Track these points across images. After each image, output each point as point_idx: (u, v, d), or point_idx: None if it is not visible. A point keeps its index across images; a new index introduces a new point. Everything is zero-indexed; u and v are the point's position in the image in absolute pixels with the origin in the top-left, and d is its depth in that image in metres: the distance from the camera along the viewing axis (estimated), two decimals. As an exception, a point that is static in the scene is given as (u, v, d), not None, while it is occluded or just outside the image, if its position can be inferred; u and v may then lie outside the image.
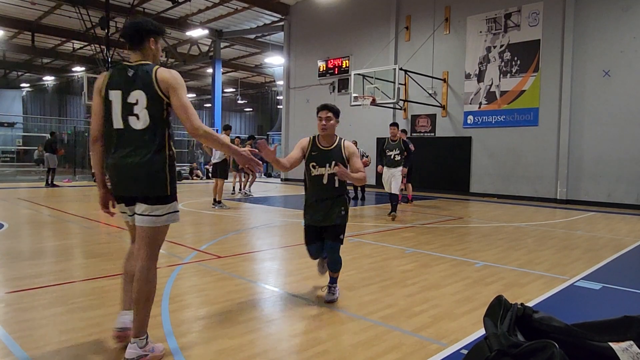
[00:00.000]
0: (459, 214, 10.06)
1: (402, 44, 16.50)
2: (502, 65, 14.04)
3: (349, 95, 15.10)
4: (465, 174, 14.90)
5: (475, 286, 4.28)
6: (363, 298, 3.84)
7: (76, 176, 20.17)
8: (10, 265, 4.72)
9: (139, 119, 2.50)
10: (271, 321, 3.31)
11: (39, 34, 23.22)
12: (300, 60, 20.20)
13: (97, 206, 2.91)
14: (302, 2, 19.82)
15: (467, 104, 14.82)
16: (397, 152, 8.73)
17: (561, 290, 4.23)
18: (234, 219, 8.26)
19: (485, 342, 1.46)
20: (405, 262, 5.22)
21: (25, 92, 38.53)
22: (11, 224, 7.32)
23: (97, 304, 3.53)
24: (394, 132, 8.85)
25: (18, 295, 3.72)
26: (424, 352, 2.80)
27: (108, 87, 2.54)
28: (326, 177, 3.63)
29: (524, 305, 1.56)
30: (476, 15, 14.57)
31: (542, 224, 8.59)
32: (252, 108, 43.28)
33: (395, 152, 8.75)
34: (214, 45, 23.99)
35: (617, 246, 6.49)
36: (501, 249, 6.09)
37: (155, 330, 3.03)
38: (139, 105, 2.49)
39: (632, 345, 1.34)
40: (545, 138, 13.20)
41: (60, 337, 2.89)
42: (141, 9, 20.39)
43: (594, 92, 12.34)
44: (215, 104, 25.10)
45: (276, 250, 5.87)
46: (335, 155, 3.65)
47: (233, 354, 2.71)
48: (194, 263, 4.95)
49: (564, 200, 12.76)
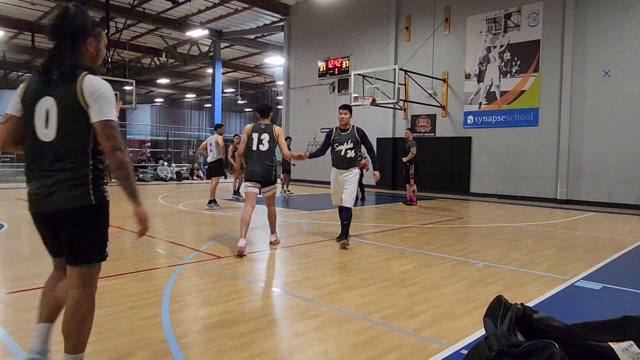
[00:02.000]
0: (459, 214, 10.05)
1: (402, 44, 16.50)
2: (502, 65, 14.04)
3: (349, 96, 15.11)
4: (465, 174, 14.89)
5: (476, 286, 4.28)
6: (363, 298, 3.83)
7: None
8: (10, 266, 4.72)
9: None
10: (271, 321, 3.31)
11: (39, 34, 23.23)
12: (300, 60, 20.20)
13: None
14: (302, 2, 19.82)
15: (467, 104, 14.82)
16: (351, 147, 6.13)
17: (561, 290, 4.23)
18: (234, 219, 8.26)
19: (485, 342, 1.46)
20: (405, 262, 5.22)
21: (25, 93, 38.51)
22: (11, 224, 7.32)
23: (97, 304, 3.51)
24: (344, 118, 6.27)
25: (18, 296, 3.72)
26: (424, 352, 2.80)
27: None
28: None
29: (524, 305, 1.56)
30: (476, 15, 14.57)
31: (542, 224, 8.59)
32: (252, 108, 43.29)
33: (346, 145, 6.13)
34: (214, 45, 24.00)
35: (617, 246, 6.49)
36: (501, 249, 6.09)
37: (155, 330, 3.03)
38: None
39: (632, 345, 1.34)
40: (545, 138, 13.19)
41: (60, 337, 2.88)
42: (141, 9, 20.39)
43: (594, 92, 12.34)
44: (215, 104, 25.11)
45: (276, 251, 5.87)
46: None
47: (233, 354, 2.71)
48: (193, 263, 4.95)
49: (564, 200, 12.75)
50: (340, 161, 6.19)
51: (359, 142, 6.17)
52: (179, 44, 25.99)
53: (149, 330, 3.03)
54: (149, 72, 29.84)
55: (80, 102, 2.10)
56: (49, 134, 2.12)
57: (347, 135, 6.15)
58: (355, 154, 6.16)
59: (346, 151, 6.13)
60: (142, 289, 3.94)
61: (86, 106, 2.11)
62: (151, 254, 5.44)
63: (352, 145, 6.12)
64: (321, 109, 18.92)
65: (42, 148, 2.14)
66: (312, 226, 7.79)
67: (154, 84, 34.33)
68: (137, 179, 19.19)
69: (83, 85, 2.11)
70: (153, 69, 29.04)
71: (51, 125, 2.11)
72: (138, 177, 19.60)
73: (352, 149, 6.13)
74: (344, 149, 6.14)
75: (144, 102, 38.79)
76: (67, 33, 2.17)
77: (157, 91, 38.47)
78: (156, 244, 5.96)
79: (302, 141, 19.53)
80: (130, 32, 23.56)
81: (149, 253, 5.47)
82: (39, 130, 2.15)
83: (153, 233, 6.70)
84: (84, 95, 2.10)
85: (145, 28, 23.44)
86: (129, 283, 4.14)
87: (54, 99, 2.11)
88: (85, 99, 2.11)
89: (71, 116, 2.11)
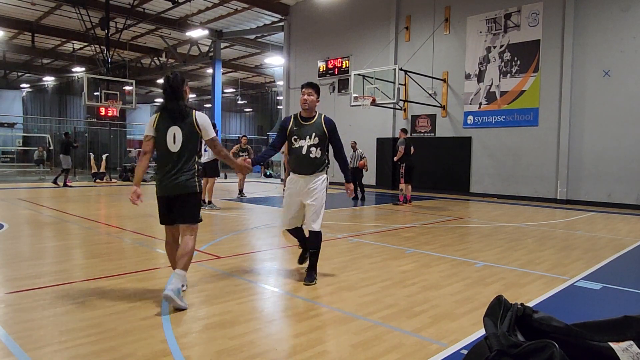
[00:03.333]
0: (459, 214, 10.05)
1: (402, 44, 16.50)
2: (502, 65, 14.04)
3: (349, 96, 15.10)
4: (465, 174, 14.89)
5: (475, 286, 4.28)
6: (363, 298, 3.83)
7: (76, 176, 20.17)
8: (10, 266, 4.72)
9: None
10: (271, 321, 3.31)
11: (39, 34, 23.24)
12: (300, 60, 20.21)
13: (97, 206, 2.91)
14: (302, 2, 19.82)
15: (467, 104, 14.82)
16: (315, 143, 4.30)
17: (561, 290, 4.23)
18: (234, 220, 8.26)
19: (485, 342, 1.46)
20: (405, 262, 5.22)
21: (25, 93, 38.55)
22: (11, 225, 7.32)
23: (97, 304, 3.53)
24: (308, 101, 4.42)
25: (18, 296, 3.72)
26: (424, 352, 2.80)
27: None
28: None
29: (524, 305, 1.56)
30: (476, 15, 14.57)
31: (542, 224, 8.59)
32: (252, 108, 43.29)
33: (309, 141, 4.31)
34: (214, 45, 24.00)
35: (617, 246, 6.49)
36: (501, 249, 6.09)
37: (155, 330, 3.03)
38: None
39: (632, 345, 1.34)
40: (545, 138, 13.19)
41: (60, 337, 2.89)
42: (141, 9, 20.39)
43: (594, 92, 12.34)
44: (215, 104, 25.11)
45: (276, 251, 5.87)
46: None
47: (233, 354, 2.71)
48: (194, 263, 4.94)
49: (564, 200, 12.75)
50: (301, 163, 4.30)
51: (327, 137, 4.36)
52: (179, 44, 25.99)
53: (149, 330, 3.03)
54: (149, 72, 29.85)
55: (196, 129, 3.67)
56: (175, 147, 3.61)
57: (311, 127, 4.33)
58: (322, 153, 4.33)
59: (309, 149, 4.26)
60: (142, 289, 3.94)
61: (199, 131, 3.69)
62: (151, 254, 5.44)
63: (317, 140, 4.27)
64: (321, 109, 18.76)
65: (170, 155, 3.62)
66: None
67: (154, 84, 34.34)
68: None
69: (197, 119, 3.68)
70: (153, 69, 29.05)
71: (177, 142, 3.61)
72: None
73: (317, 145, 4.27)
74: (306, 145, 4.27)
75: (144, 102, 38.79)
76: (177, 88, 3.64)
77: (157, 91, 38.46)
78: (156, 244, 5.96)
79: (302, 141, 19.52)
80: (130, 32, 23.56)
81: (149, 253, 5.47)
82: (169, 145, 3.61)
83: (153, 233, 6.70)
84: (197, 125, 3.67)
85: (145, 28, 23.44)
86: (129, 283, 4.14)
87: (180, 128, 3.62)
88: (199, 127, 3.68)
89: (191, 137, 3.66)
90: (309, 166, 4.30)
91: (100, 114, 19.09)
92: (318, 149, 4.31)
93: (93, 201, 11.36)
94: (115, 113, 17.88)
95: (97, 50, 22.00)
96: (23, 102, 38.39)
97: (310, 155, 4.29)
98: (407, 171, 11.39)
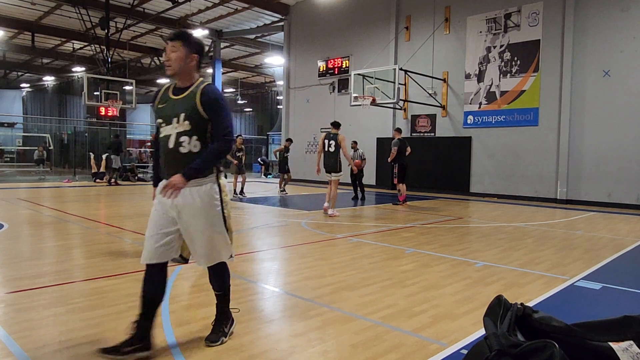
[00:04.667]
0: (459, 214, 10.05)
1: (402, 44, 16.50)
2: (502, 65, 14.04)
3: (349, 96, 15.11)
4: (465, 174, 14.90)
5: (475, 286, 4.28)
6: (363, 298, 3.83)
7: (76, 176, 20.18)
8: (10, 266, 4.72)
9: None
10: (271, 321, 3.31)
11: (39, 34, 23.24)
12: (300, 60, 20.21)
13: (97, 206, 2.90)
14: (302, 2, 19.82)
15: (467, 104, 14.83)
16: (187, 129, 2.65)
17: (561, 290, 4.23)
18: (234, 220, 8.25)
19: (485, 342, 1.46)
20: (405, 262, 5.22)
21: (25, 93, 38.56)
22: (11, 224, 7.31)
23: (97, 304, 3.53)
24: (172, 59, 2.72)
25: (18, 296, 3.72)
26: (424, 352, 2.80)
27: None
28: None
29: (524, 305, 1.56)
30: (476, 15, 14.58)
31: (542, 224, 8.59)
32: (252, 108, 43.27)
33: (177, 125, 2.66)
34: (214, 45, 24.01)
35: (617, 246, 6.49)
36: (501, 249, 6.09)
37: (155, 330, 3.03)
38: None
39: (632, 345, 1.34)
40: (545, 138, 13.20)
41: (60, 337, 2.89)
42: (141, 9, 20.39)
43: (594, 92, 12.34)
44: (215, 104, 25.09)
45: (276, 251, 5.87)
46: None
47: (233, 354, 2.71)
48: (194, 263, 4.93)
49: (564, 200, 12.76)
50: (168, 163, 2.74)
51: (205, 118, 2.68)
52: (179, 44, 25.96)
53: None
54: (149, 72, 29.84)
55: None
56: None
57: (182, 103, 2.71)
58: (201, 143, 2.69)
59: (178, 140, 2.67)
60: (142, 289, 3.93)
61: None
62: (151, 253, 5.43)
63: (187, 126, 2.66)
64: (321, 109, 18.91)
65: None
66: (312, 226, 7.79)
67: (154, 84, 34.34)
68: (138, 179, 19.19)
69: None
70: (153, 69, 29.04)
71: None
72: (138, 177, 19.60)
73: (189, 133, 2.66)
74: (174, 133, 2.68)
75: (144, 102, 38.76)
76: None
77: (157, 91, 38.43)
78: (156, 243, 5.95)
79: (302, 141, 19.54)
80: (130, 32, 23.56)
81: (149, 253, 5.46)
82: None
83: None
84: None
85: (145, 28, 23.45)
86: (129, 283, 4.14)
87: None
88: None
89: None
90: (178, 168, 2.62)
91: (100, 114, 19.10)
92: (193, 138, 2.66)
93: (93, 201, 11.37)
94: (115, 113, 17.90)
95: (97, 50, 22.00)
96: (23, 101, 38.39)
97: (181, 150, 2.67)
98: (401, 171, 11.41)
